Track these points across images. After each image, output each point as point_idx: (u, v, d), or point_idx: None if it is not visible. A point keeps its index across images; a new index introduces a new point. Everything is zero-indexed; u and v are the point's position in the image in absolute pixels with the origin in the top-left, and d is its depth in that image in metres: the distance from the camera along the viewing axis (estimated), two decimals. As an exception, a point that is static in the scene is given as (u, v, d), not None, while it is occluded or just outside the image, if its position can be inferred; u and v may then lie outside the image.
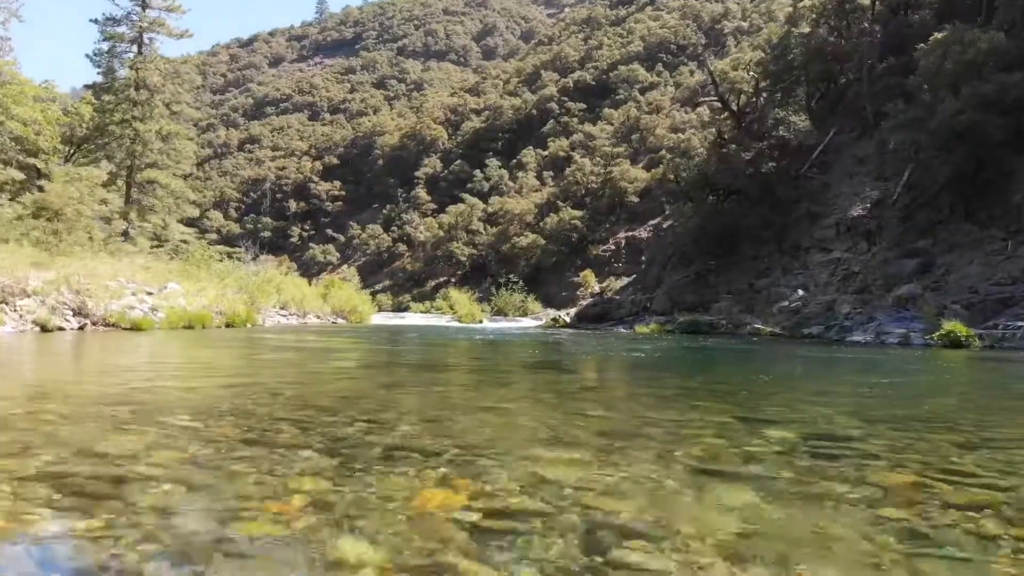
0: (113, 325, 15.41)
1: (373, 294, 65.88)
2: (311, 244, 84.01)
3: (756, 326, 26.25)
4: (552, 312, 45.95)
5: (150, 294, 18.91)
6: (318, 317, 29.98)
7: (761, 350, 15.63)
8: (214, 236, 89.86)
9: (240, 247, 62.12)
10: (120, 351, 10.72)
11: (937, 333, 16.50)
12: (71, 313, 15.20)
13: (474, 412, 4.98)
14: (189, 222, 40.50)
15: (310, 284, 37.78)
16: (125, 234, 34.26)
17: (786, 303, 27.26)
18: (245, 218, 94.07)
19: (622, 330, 27.96)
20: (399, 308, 58.29)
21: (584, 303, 36.70)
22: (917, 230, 27.36)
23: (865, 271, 26.66)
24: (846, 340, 19.36)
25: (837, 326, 22.90)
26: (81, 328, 14.88)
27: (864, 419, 4.91)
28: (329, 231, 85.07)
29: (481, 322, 36.94)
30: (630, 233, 52.28)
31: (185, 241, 37.12)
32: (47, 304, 14.77)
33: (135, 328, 15.38)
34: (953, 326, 16.28)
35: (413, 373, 7.70)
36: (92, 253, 24.82)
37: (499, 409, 5.14)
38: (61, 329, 14.34)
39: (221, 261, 29.20)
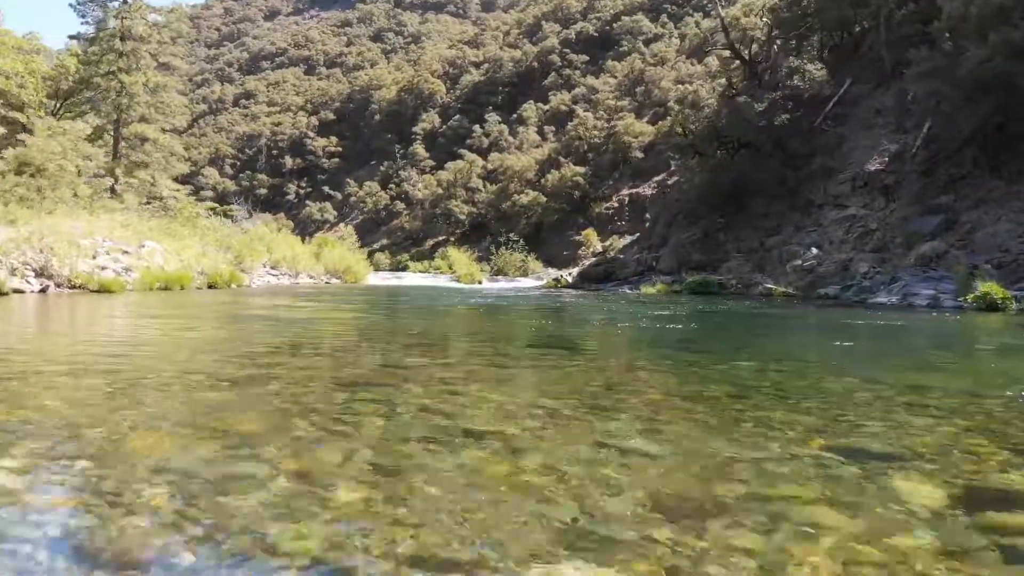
0: (80, 287, 14.21)
1: (371, 253, 64.65)
2: (307, 202, 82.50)
3: (768, 286, 25.09)
4: (553, 272, 44.76)
5: (126, 253, 17.71)
6: (311, 277, 28.84)
7: (789, 314, 14.31)
8: (209, 193, 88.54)
9: (234, 204, 60.70)
10: (53, 318, 9.55)
11: (971, 295, 15.29)
12: (33, 274, 13.99)
13: (457, 457, 2.90)
14: (184, 179, 39.15)
15: (304, 242, 36.60)
16: (113, 191, 32.96)
17: (799, 262, 26.04)
18: (240, 175, 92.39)
19: (627, 291, 26.79)
20: (397, 267, 57.08)
21: (587, 263, 35.49)
22: (938, 185, 25.99)
23: (883, 228, 25.38)
24: (868, 302, 18.16)
25: (855, 286, 21.71)
26: (43, 290, 13.70)
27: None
28: (326, 188, 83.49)
29: (480, 283, 35.78)
30: (634, 190, 50.82)
31: (174, 198, 35.76)
32: (5, 264, 13.56)
33: (103, 290, 14.19)
34: (989, 287, 15.06)
35: (387, 358, 6.47)
36: (76, 210, 23.59)
37: (498, 444, 3.15)
38: (19, 292, 13.15)
39: (208, 218, 27.81)
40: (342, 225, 74.65)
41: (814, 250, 26.48)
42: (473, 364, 6.29)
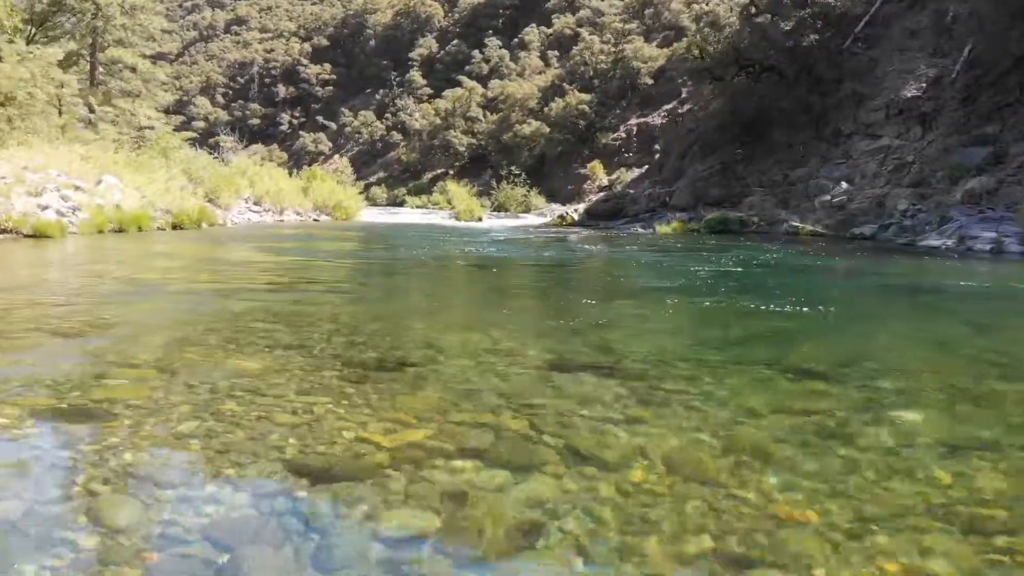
0: (11, 231, 12.17)
1: (367, 186, 62.19)
2: (301, 132, 79.49)
3: (794, 224, 23.05)
4: (557, 207, 42.54)
5: (78, 190, 15.60)
6: (297, 214, 26.75)
7: (856, 269, 12.11)
8: (201, 124, 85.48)
9: (222, 135, 57.98)
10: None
11: (1048, 239, 13.28)
12: (-45, 217, 11.95)
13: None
14: (175, 109, 36.71)
15: (292, 175, 34.35)
16: (89, 122, 30.52)
17: (828, 197, 23.91)
18: (232, 105, 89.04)
19: (639, 229, 24.73)
20: (394, 202, 54.76)
21: (594, 198, 33.30)
22: (981, 114, 23.64)
23: (921, 161, 23.14)
24: (918, 244, 16.12)
25: (895, 225, 19.64)
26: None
27: None
28: (320, 118, 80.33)
29: (480, 219, 33.62)
30: (642, 119, 48.15)
31: (151, 127, 33.28)
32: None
33: (38, 235, 12.14)
34: (1069, 230, 13.03)
35: (334, 359, 4.48)
36: (45, 143, 21.40)
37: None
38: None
39: (182, 148, 25.47)
40: (337, 157, 71.91)
41: (844, 184, 24.31)
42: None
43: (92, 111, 31.05)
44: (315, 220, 27.03)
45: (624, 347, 4.74)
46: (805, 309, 6.41)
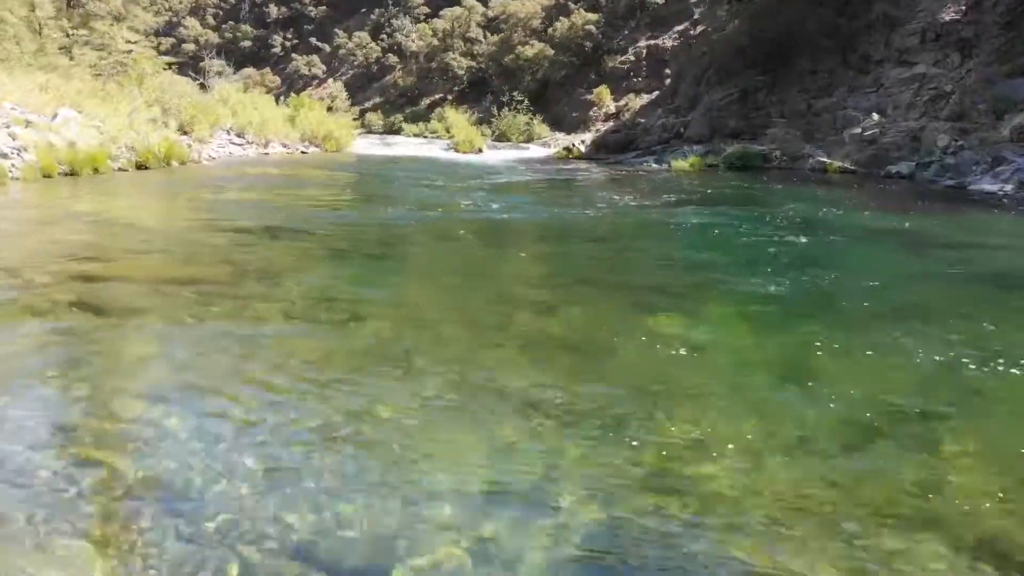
0: (-64, 178, 10.53)
1: (362, 112, 59.70)
2: (294, 55, 76.11)
3: (820, 159, 21.30)
4: (562, 137, 40.44)
5: (30, 125, 13.84)
6: (284, 146, 24.89)
7: (929, 226, 10.15)
8: (191, 46, 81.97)
9: (208, 59, 55.16)
10: None
11: None
12: None
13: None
14: (164, 31, 34.30)
15: (284, 101, 32.31)
16: (65, 47, 28.27)
17: (858, 130, 22.06)
18: (223, 26, 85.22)
19: (653, 164, 22.95)
20: (391, 129, 52.41)
21: (603, 128, 31.30)
22: (1027, 39, 21.65)
23: (960, 92, 21.17)
24: (969, 188, 14.46)
25: (936, 164, 17.90)
26: None
27: None
28: (313, 40, 76.87)
29: (480, 151, 31.71)
30: (652, 41, 45.48)
31: (129, 51, 30.97)
32: None
33: (-33, 182, 10.50)
34: None
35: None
36: (21, 69, 19.49)
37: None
38: None
39: (157, 75, 23.44)
40: (331, 81, 68.94)
41: (875, 116, 22.42)
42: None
43: (67, 35, 28.76)
44: (303, 152, 25.22)
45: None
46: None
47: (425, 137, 45.45)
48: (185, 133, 19.84)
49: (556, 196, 12.06)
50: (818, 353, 3.94)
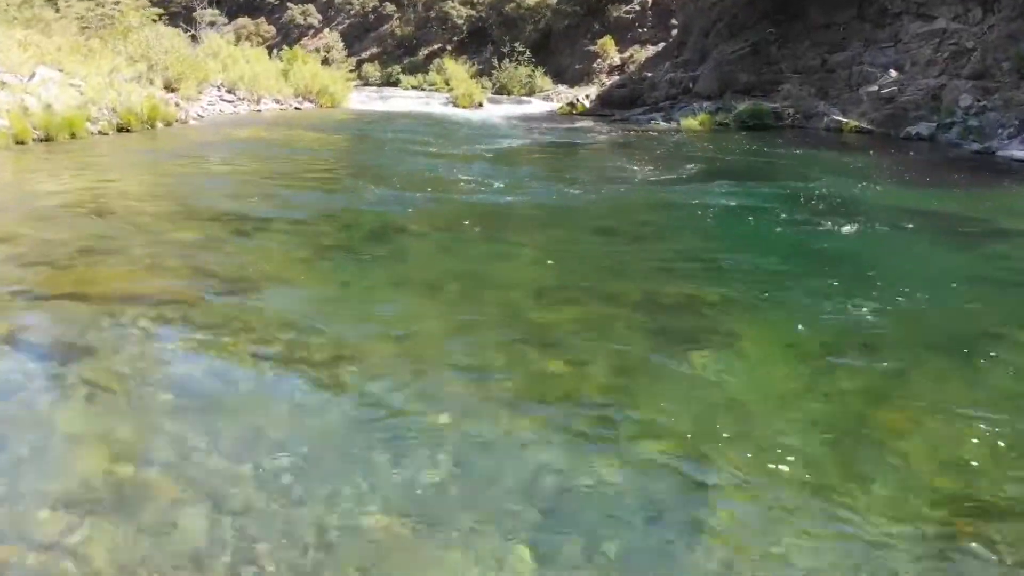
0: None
1: (359, 63, 58.23)
2: (289, 4, 74.13)
3: (836, 118, 20.47)
4: (564, 90, 39.34)
5: (5, 87, 13.04)
6: (277, 102, 23.96)
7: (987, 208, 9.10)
8: (183, -7, 79.77)
9: (200, 8, 53.59)
10: None
11: None
12: None
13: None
14: None
15: (278, 52, 31.15)
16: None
17: (875, 87, 21.17)
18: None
19: (661, 122, 22.10)
20: (388, 81, 51.08)
21: (608, 82, 30.26)
22: (1054, -9, 20.62)
23: (983, 48, 20.21)
24: (997, 154, 13.70)
25: (958, 126, 17.10)
26: None
27: None
28: (309, -13, 74.80)
29: (481, 105, 30.74)
30: (658, -10, 44.02)
31: (117, 1, 29.70)
32: None
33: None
34: None
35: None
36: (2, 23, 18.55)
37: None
38: None
39: (143, 27, 22.39)
40: (327, 31, 67.14)
41: (893, 72, 21.50)
42: None
43: None
44: (296, 108, 24.32)
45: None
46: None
47: (423, 90, 44.26)
48: (172, 90, 18.97)
49: (562, 168, 11.25)
50: (902, 413, 3.29)
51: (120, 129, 13.54)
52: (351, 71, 56.29)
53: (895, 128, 19.21)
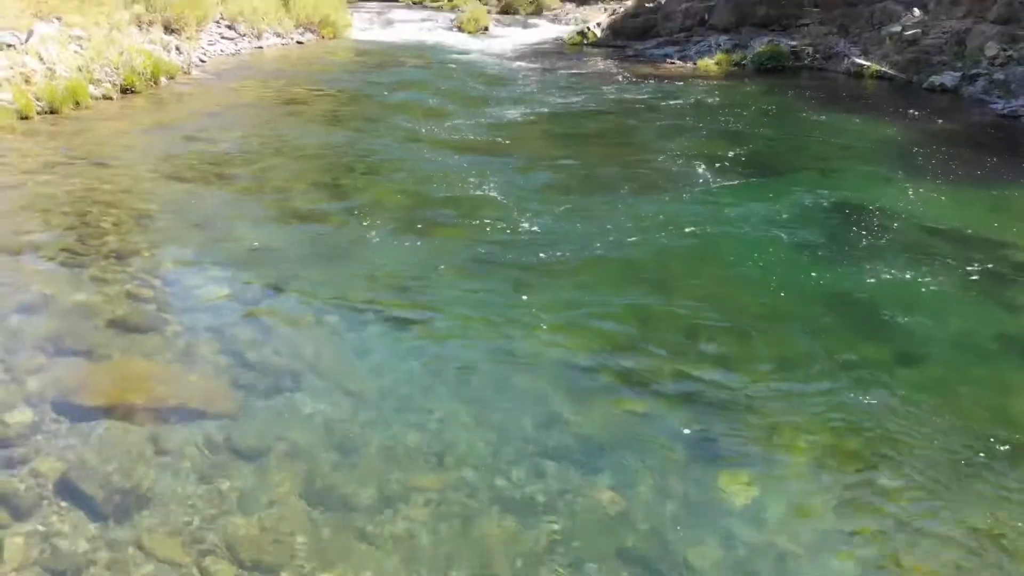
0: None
1: (358, -25, 56.11)
2: (283, -94, 70.85)
3: (857, 60, 19.84)
4: (573, 9, 38.02)
5: (8, 48, 12.56)
6: (278, 35, 23.19)
7: None
8: None
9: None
10: None
11: None
12: None
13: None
14: None
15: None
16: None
17: (897, 28, 20.42)
18: None
19: (676, 60, 21.43)
20: (389, -4, 49.30)
21: (620, 10, 29.17)
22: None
23: (1013, -12, 19.40)
24: (1021, 116, 13.33)
25: (983, 78, 16.61)
26: None
27: None
28: None
29: (487, 29, 29.79)
30: (671, -98, 41.98)
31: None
32: None
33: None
34: None
35: None
36: None
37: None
38: None
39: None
40: (324, -62, 64.44)
41: (916, 11, 20.70)
42: None
43: None
44: (298, 43, 23.56)
45: None
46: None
47: (426, 7, 42.78)
48: (172, 31, 18.36)
49: (573, 146, 10.75)
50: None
51: (124, 90, 13.13)
52: (350, -17, 54.38)
53: (916, 72, 18.67)
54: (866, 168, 9.44)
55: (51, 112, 11.28)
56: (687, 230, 7.07)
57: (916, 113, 13.73)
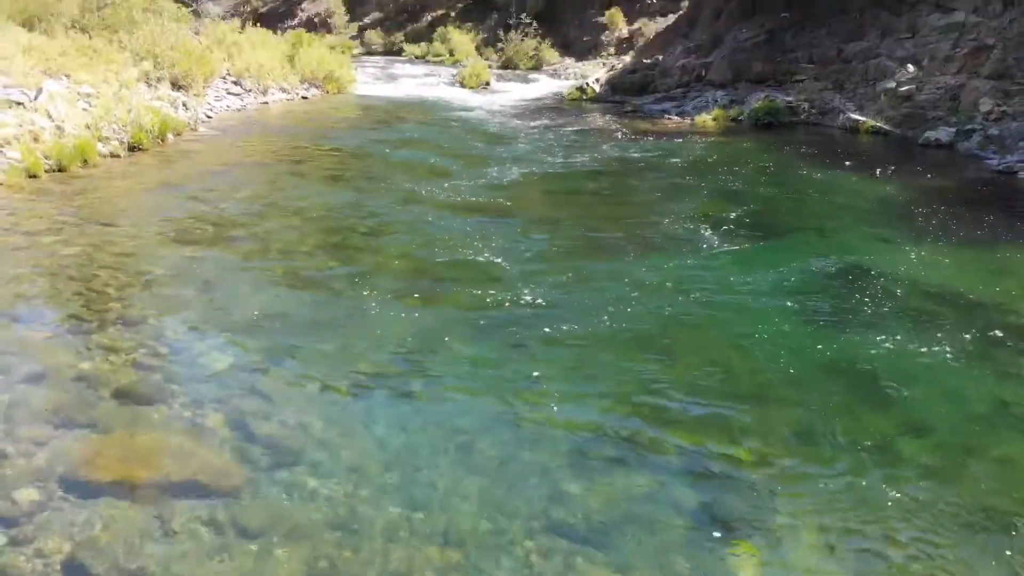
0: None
1: (361, 29, 57.33)
2: (289, -36, 72.52)
3: (853, 116, 20.15)
4: (571, 64, 38.82)
5: (16, 106, 12.78)
6: (283, 91, 23.64)
7: None
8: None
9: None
10: None
11: None
12: None
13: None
14: None
15: (276, 32, 30.55)
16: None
17: (892, 84, 20.78)
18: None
19: (674, 116, 21.75)
20: (391, 50, 50.36)
21: (619, 66, 29.73)
22: (1078, -16, 20.13)
23: (1004, 45, 19.80)
24: (1020, 175, 13.47)
25: (978, 134, 16.85)
26: None
27: None
28: (308, -53, 73.12)
29: (488, 84, 30.36)
30: (667, -40, 43.04)
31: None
32: None
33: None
34: None
35: None
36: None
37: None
38: None
39: (144, 16, 21.93)
40: (328, -6, 65.76)
41: (910, 67, 21.10)
42: None
43: None
44: (303, 98, 23.99)
45: None
46: None
47: (428, 61, 43.63)
48: (179, 87, 18.70)
49: (574, 206, 10.80)
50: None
51: (131, 148, 13.32)
52: (352, 38, 55.51)
53: (912, 127, 18.96)
54: (866, 229, 9.51)
55: (59, 170, 11.43)
56: (691, 296, 7.10)
57: (913, 169, 13.90)
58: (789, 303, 6.87)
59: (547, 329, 6.29)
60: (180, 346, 5.70)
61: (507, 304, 6.80)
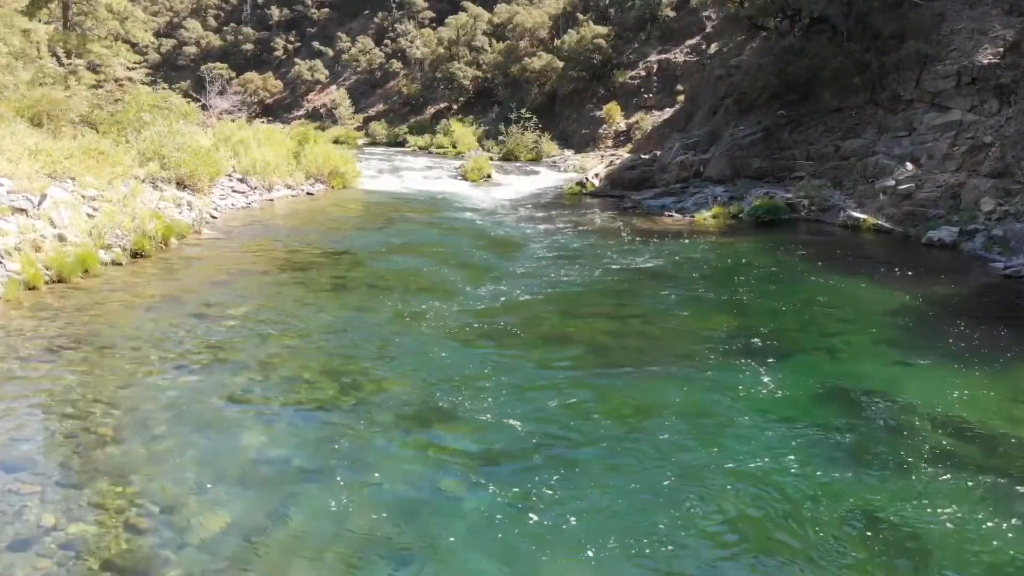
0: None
1: (366, 120, 58.61)
2: (296, 60, 74.77)
3: (853, 214, 20.25)
4: (571, 156, 39.42)
5: (19, 213, 12.82)
6: (289, 187, 23.91)
7: None
8: (193, 49, 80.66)
9: (211, 78, 54.00)
10: None
11: None
12: None
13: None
14: (165, 32, 32.72)
15: (283, 118, 31.10)
16: (65, 77, 26.55)
17: (891, 182, 20.97)
18: (225, 28, 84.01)
19: (673, 213, 21.88)
20: (395, 141, 51.33)
21: (618, 161, 30.16)
22: (1070, 85, 20.53)
23: (1002, 143, 20.06)
24: (1027, 278, 13.40)
25: (982, 234, 16.86)
26: None
27: None
28: (316, 44, 75.56)
29: (490, 176, 30.79)
30: (663, 56, 44.28)
31: (129, 79, 29.19)
32: None
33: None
34: None
35: None
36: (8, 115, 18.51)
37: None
38: None
39: (159, 108, 22.38)
40: (334, 87, 67.61)
41: (909, 165, 21.32)
42: None
43: (61, 64, 27.14)
44: (308, 194, 24.23)
45: None
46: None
47: (431, 153, 44.38)
48: (185, 187, 18.88)
49: (578, 325, 10.49)
50: None
51: (134, 255, 13.28)
52: (357, 128, 56.71)
53: (913, 226, 19.02)
54: (876, 348, 9.30)
55: (59, 281, 11.34)
56: (704, 436, 6.83)
57: (919, 273, 13.80)
58: (803, 439, 6.62)
59: (556, 470, 6.05)
60: (174, 503, 5.43)
61: (514, 439, 6.59)
